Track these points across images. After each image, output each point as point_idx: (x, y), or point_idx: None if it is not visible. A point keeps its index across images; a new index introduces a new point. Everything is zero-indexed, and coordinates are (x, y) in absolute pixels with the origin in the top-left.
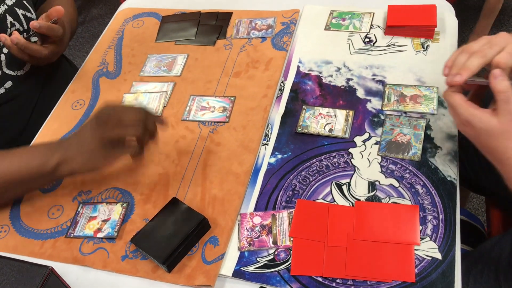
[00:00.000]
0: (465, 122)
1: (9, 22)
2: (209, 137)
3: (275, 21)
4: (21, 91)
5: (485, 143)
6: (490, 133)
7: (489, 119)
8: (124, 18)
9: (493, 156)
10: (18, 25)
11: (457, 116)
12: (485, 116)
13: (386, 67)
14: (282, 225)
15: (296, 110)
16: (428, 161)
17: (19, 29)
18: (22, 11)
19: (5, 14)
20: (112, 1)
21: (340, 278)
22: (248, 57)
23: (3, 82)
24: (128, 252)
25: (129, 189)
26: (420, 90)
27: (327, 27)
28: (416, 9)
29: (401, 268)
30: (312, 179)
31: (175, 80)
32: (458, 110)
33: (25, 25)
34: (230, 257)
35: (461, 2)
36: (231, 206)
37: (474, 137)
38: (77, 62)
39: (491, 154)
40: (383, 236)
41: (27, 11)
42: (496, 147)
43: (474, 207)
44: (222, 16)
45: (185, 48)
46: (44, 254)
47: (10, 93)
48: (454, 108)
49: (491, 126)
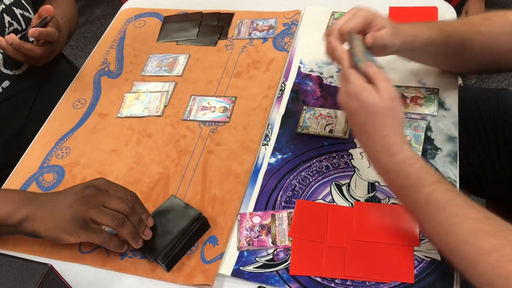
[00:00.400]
0: (352, 93)
1: (7, 21)
2: (210, 137)
3: (276, 22)
4: (18, 91)
5: (364, 118)
6: (373, 107)
7: (375, 95)
8: (126, 18)
9: (368, 134)
10: (16, 25)
11: (348, 85)
12: (372, 92)
13: (386, 68)
14: (282, 225)
15: (297, 110)
16: (428, 162)
17: (17, 29)
18: (20, 11)
19: (2, 13)
20: (115, 2)
21: (339, 278)
22: (249, 58)
23: (0, 82)
24: (128, 251)
25: (129, 188)
26: (420, 92)
27: (329, 28)
28: (418, 11)
29: (400, 269)
30: (312, 180)
31: (176, 80)
32: (351, 79)
33: (23, 24)
34: (229, 257)
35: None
36: (230, 205)
37: (355, 110)
38: (79, 62)
39: (366, 132)
40: (383, 237)
41: (25, 11)
42: (374, 123)
43: None
44: (224, 16)
45: (186, 48)
46: (44, 252)
47: (7, 93)
48: (347, 77)
49: (376, 103)
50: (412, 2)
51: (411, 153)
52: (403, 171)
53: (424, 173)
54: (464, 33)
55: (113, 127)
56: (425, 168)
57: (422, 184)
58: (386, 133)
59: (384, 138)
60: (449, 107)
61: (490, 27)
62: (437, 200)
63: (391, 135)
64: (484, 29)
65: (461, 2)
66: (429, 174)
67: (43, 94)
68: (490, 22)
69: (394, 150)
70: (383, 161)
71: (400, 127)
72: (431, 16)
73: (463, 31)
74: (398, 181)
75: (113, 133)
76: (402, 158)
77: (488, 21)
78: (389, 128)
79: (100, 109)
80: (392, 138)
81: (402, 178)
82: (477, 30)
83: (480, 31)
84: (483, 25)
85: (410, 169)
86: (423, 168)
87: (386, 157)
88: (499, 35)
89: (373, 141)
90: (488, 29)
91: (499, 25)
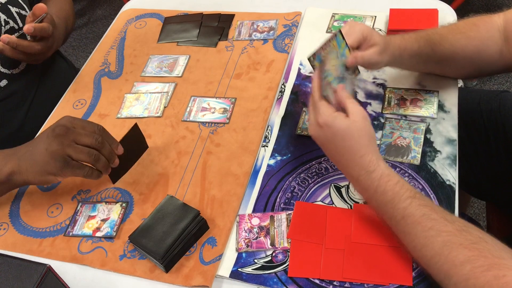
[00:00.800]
0: (324, 124)
1: (3, 20)
2: (209, 138)
3: (277, 23)
4: (16, 89)
5: (341, 144)
6: (346, 132)
7: (346, 120)
8: (127, 19)
9: (345, 157)
10: (12, 23)
11: (319, 117)
12: (343, 118)
13: (386, 70)
14: (280, 227)
15: (296, 112)
16: (427, 165)
17: (14, 27)
18: (16, 9)
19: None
20: (116, 2)
21: (337, 280)
22: (249, 59)
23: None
24: (126, 252)
25: (128, 188)
26: (420, 94)
27: (329, 30)
28: (418, 13)
29: (399, 272)
30: (311, 181)
31: (176, 81)
32: (321, 110)
33: (19, 22)
34: (227, 258)
35: (463, 6)
36: (229, 207)
37: (330, 138)
38: (80, 63)
39: (343, 155)
40: (381, 239)
41: (21, 9)
42: (351, 145)
43: (475, 213)
44: (224, 18)
45: (187, 49)
46: (42, 252)
47: (5, 91)
48: (317, 109)
49: (348, 126)
50: (412, 5)
51: (387, 170)
52: (380, 188)
53: (399, 188)
54: (453, 39)
55: (113, 128)
56: (400, 184)
57: (398, 200)
58: (363, 153)
59: (361, 158)
60: (449, 109)
61: (478, 32)
62: (412, 214)
63: (368, 154)
64: (472, 34)
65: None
66: (403, 189)
67: (41, 92)
68: (477, 27)
69: (371, 168)
70: (362, 179)
71: (374, 145)
72: (432, 18)
73: (451, 38)
74: (375, 198)
75: (113, 133)
76: (379, 175)
77: (475, 27)
78: (365, 148)
79: (100, 110)
80: (369, 156)
81: (379, 195)
82: (466, 35)
83: (468, 36)
84: (471, 30)
85: (386, 185)
86: (398, 184)
87: (365, 174)
88: (487, 39)
89: (352, 163)
90: (477, 34)
91: (486, 30)
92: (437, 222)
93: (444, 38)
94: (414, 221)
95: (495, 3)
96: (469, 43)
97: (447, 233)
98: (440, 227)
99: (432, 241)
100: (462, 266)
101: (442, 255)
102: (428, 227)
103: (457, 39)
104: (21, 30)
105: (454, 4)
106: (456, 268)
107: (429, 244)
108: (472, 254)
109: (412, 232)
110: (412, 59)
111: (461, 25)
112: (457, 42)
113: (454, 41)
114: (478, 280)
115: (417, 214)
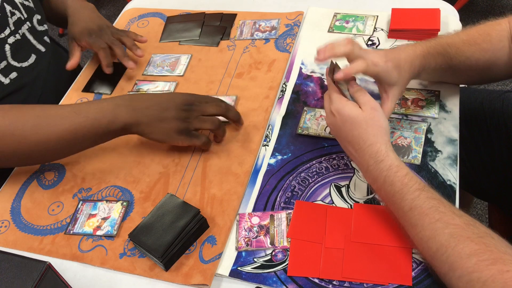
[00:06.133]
0: (335, 111)
1: (8, 11)
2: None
3: (279, 23)
4: (25, 82)
5: (349, 131)
6: (355, 120)
7: (356, 109)
8: (129, 18)
9: (354, 144)
10: (18, 14)
11: (331, 105)
12: (353, 106)
13: None
14: (280, 226)
15: (297, 111)
16: (428, 164)
17: (20, 18)
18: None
19: (3, 3)
20: (120, 2)
21: (336, 280)
22: (251, 58)
23: (8, 73)
24: (126, 250)
25: (129, 187)
26: (422, 94)
27: (331, 30)
28: (420, 12)
29: (398, 271)
30: (311, 181)
31: (178, 80)
32: (333, 98)
33: (24, 13)
34: (227, 257)
35: (466, 6)
36: (229, 206)
37: (340, 125)
38: (84, 62)
39: (352, 143)
40: (381, 239)
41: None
42: (359, 134)
43: (478, 213)
44: (226, 17)
45: (189, 48)
46: (43, 250)
47: (15, 84)
48: (330, 98)
49: (357, 115)
50: (414, 4)
51: (396, 161)
52: (388, 178)
53: (408, 180)
54: (468, 52)
55: None
56: (409, 176)
57: (406, 191)
58: (371, 142)
59: (369, 146)
60: (450, 109)
61: (491, 44)
62: (420, 206)
63: (376, 144)
64: (485, 46)
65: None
66: (412, 181)
67: (49, 86)
68: (490, 37)
69: (379, 158)
70: (371, 169)
71: (384, 136)
72: (434, 18)
73: (466, 51)
74: (384, 188)
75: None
76: (387, 165)
77: (488, 37)
78: (373, 137)
79: None
80: (377, 146)
81: (387, 185)
82: (479, 48)
83: (482, 48)
84: (484, 41)
85: (395, 176)
86: (407, 176)
87: (374, 164)
88: (498, 50)
89: (361, 152)
90: (489, 46)
91: (498, 40)
92: (445, 214)
93: (460, 52)
94: (422, 213)
95: (499, 4)
96: (483, 56)
97: (454, 226)
98: (448, 220)
99: (439, 233)
100: (468, 258)
101: (448, 247)
102: (436, 219)
103: (472, 52)
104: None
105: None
106: (462, 261)
107: (436, 236)
108: (478, 247)
109: (419, 224)
110: (428, 75)
111: (475, 35)
112: (472, 55)
113: (470, 55)
114: (483, 273)
115: (425, 206)
